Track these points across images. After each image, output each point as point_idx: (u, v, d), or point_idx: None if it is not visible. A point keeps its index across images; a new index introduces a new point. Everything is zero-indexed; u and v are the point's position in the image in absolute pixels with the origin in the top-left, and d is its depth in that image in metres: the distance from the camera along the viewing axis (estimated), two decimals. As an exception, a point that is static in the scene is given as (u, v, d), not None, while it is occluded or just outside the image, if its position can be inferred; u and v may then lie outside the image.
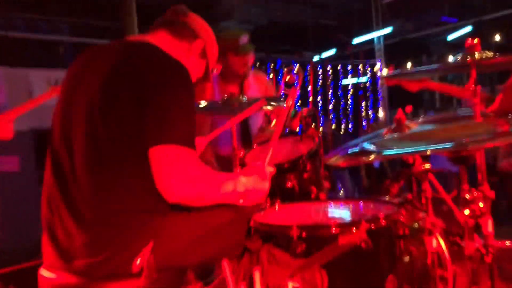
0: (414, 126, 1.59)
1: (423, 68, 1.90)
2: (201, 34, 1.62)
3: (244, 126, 2.89)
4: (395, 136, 1.55)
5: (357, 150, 1.59)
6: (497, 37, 7.54)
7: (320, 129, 2.82)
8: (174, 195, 1.31)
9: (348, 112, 10.26)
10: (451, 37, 8.27)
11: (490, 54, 1.54)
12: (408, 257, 1.55)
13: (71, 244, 1.33)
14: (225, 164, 2.53)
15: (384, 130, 1.61)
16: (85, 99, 1.38)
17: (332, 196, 1.91)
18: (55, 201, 1.40)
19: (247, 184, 1.46)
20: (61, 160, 1.41)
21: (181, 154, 1.30)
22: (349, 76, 10.15)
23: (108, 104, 1.34)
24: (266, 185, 1.52)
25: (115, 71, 1.38)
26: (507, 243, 1.71)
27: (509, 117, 1.47)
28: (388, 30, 8.02)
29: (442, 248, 1.55)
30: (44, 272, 1.40)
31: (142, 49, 1.47)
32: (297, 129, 2.31)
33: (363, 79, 10.17)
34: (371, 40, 8.55)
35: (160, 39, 1.55)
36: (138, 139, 1.31)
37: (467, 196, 1.48)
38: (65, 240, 1.35)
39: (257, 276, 1.52)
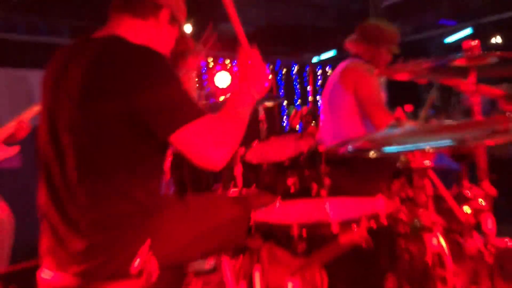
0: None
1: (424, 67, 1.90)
2: (162, 1, 1.52)
3: None
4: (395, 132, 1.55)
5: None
6: (497, 39, 7.54)
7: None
8: (218, 162, 1.34)
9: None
10: (449, 39, 8.27)
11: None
12: (408, 255, 1.55)
13: (67, 250, 1.32)
14: None
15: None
16: (68, 105, 1.34)
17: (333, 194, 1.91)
18: (49, 207, 1.38)
19: (251, 87, 1.52)
20: (51, 168, 1.38)
21: (198, 129, 1.31)
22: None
23: (90, 110, 1.31)
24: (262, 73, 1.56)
25: (91, 76, 1.32)
26: (508, 241, 1.70)
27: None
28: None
29: (442, 246, 1.55)
30: (43, 274, 1.39)
31: (110, 47, 1.38)
32: (297, 127, 2.32)
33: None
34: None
35: (126, 28, 1.47)
36: (128, 139, 1.31)
37: (468, 194, 1.47)
38: (61, 247, 1.34)
39: (257, 275, 1.52)
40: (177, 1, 1.57)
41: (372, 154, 1.45)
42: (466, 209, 1.46)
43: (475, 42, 1.59)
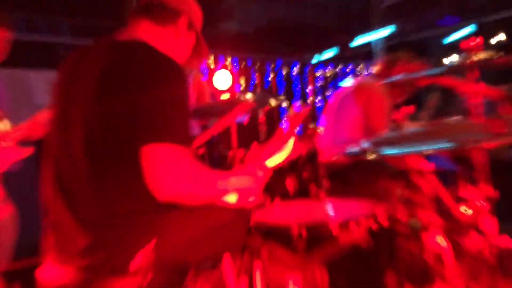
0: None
1: (426, 70, 1.91)
2: (181, 7, 1.53)
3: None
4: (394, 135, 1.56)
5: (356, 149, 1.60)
6: (500, 38, 7.54)
7: (320, 128, 2.85)
8: (164, 194, 1.26)
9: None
10: (451, 38, 8.27)
11: (492, 54, 1.55)
12: (408, 255, 1.56)
13: (72, 245, 1.32)
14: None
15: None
16: (80, 104, 1.36)
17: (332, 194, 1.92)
18: (56, 203, 1.39)
19: (238, 184, 1.41)
20: (61, 164, 1.39)
21: (173, 153, 1.26)
22: (349, 77, 10.19)
23: (102, 108, 1.31)
24: (257, 187, 1.46)
25: (106, 75, 1.33)
26: (507, 240, 1.71)
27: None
28: (387, 31, 8.03)
29: (442, 246, 1.56)
30: (46, 269, 1.40)
31: (131, 49, 1.40)
32: (296, 129, 2.33)
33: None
34: (371, 42, 8.56)
35: (146, 32, 1.49)
36: (135, 139, 1.30)
37: (467, 195, 1.49)
38: (66, 242, 1.35)
39: (257, 274, 1.53)
40: (194, 7, 1.58)
41: (370, 156, 1.46)
42: (466, 210, 1.48)
43: (478, 40, 1.59)
